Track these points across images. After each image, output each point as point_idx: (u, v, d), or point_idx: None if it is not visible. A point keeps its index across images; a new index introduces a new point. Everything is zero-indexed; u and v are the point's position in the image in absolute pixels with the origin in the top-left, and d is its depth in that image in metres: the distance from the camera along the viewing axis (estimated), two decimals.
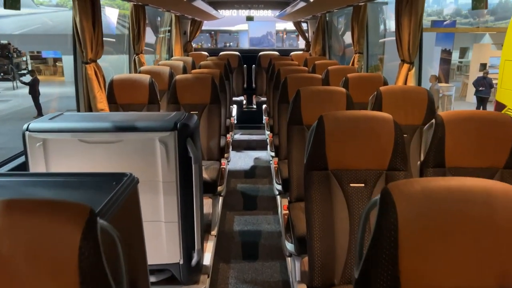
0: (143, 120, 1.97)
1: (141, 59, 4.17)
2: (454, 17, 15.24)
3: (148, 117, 2.13)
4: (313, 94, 2.42)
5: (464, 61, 15.89)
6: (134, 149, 1.92)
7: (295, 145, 2.37)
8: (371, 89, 2.55)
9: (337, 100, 2.42)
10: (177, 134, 1.90)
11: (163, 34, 6.64)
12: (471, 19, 15.39)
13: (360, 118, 1.67)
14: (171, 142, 1.89)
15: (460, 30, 14.29)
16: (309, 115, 2.36)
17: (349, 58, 6.65)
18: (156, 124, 1.92)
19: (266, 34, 7.31)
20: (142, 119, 1.99)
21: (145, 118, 2.03)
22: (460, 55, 15.98)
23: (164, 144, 1.90)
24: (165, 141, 1.90)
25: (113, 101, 3.20)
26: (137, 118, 2.04)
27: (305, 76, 3.34)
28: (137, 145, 1.91)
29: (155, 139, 1.89)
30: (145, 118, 2.03)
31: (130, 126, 1.91)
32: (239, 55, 6.27)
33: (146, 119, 2.01)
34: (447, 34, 13.62)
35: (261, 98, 5.92)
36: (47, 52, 18.57)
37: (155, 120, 1.98)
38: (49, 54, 18.66)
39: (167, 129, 1.89)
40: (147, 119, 1.99)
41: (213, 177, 2.78)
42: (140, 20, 4.04)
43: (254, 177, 4.48)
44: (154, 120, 1.98)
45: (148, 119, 2.02)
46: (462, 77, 14.82)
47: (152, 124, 1.92)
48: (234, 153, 5.34)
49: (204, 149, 3.20)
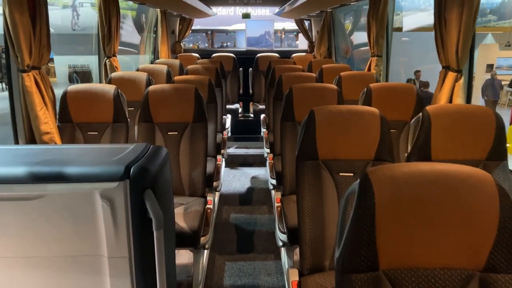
0: (80, 160, 1.26)
1: (114, 63, 3.44)
2: None
3: (91, 154, 1.40)
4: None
5: None
6: (62, 208, 1.20)
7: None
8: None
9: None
10: (129, 185, 1.18)
11: (147, 33, 5.90)
12: None
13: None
14: (120, 197, 1.17)
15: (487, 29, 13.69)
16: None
17: (360, 61, 5.93)
18: (95, 170, 1.19)
19: (264, 34, 6.68)
20: (79, 160, 1.27)
21: (85, 158, 1.31)
22: None
23: (108, 201, 1.17)
24: (110, 197, 1.17)
25: (68, 120, 2.48)
26: (72, 157, 1.31)
27: (316, 88, 2.62)
28: (67, 202, 1.20)
29: (94, 193, 1.17)
30: (85, 158, 1.31)
31: (53, 174, 1.19)
32: (234, 57, 5.54)
33: (85, 159, 1.29)
34: None
35: (259, 106, 5.18)
36: None
37: (97, 161, 1.26)
38: None
39: (113, 177, 1.16)
40: (87, 160, 1.28)
41: (193, 226, 2.05)
42: (112, 16, 3.30)
43: (251, 203, 3.75)
44: (96, 161, 1.26)
45: (90, 159, 1.30)
46: None
47: (89, 170, 1.20)
48: (228, 171, 4.61)
49: (185, 181, 2.47)
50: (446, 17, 2.11)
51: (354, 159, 1.72)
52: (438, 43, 2.23)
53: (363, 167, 1.72)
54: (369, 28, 3.48)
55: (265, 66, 5.20)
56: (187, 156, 2.48)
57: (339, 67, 4.11)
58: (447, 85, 2.19)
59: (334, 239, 1.61)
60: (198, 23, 12.21)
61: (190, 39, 14.35)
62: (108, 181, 1.18)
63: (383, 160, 1.71)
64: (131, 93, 3.22)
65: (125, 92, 3.24)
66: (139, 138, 2.47)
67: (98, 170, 1.19)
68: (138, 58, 6.04)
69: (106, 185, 1.18)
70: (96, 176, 1.18)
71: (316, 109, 1.75)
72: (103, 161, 1.27)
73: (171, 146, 2.49)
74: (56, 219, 1.20)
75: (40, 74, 2.21)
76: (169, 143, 2.50)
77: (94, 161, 1.28)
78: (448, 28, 2.11)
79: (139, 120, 2.50)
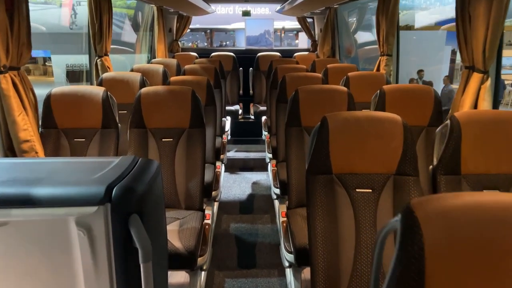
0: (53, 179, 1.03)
1: (105, 63, 3.22)
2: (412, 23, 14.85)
3: (66, 171, 1.18)
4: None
5: None
6: (30, 238, 0.98)
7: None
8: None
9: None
10: (111, 210, 0.95)
11: (143, 32, 5.67)
12: None
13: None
14: (99, 224, 0.94)
15: None
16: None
17: (364, 61, 5.71)
18: (70, 192, 0.97)
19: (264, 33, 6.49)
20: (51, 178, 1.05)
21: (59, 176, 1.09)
22: None
23: (85, 229, 0.94)
24: (88, 224, 0.94)
25: (52, 125, 2.26)
26: (44, 175, 1.09)
27: (325, 90, 2.41)
28: (35, 230, 0.98)
29: (68, 220, 0.95)
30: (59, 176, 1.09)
31: (19, 196, 0.96)
32: (233, 57, 5.31)
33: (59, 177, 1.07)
34: (451, 32, 12.98)
35: (260, 107, 4.96)
36: (37, 51, 17.90)
37: (73, 180, 1.04)
38: (39, 53, 18.00)
39: (92, 200, 0.93)
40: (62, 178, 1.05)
41: (190, 246, 1.83)
42: (103, 12, 3.08)
43: (252, 211, 3.53)
44: (71, 180, 1.04)
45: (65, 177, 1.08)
46: None
47: (63, 192, 0.98)
48: (227, 176, 4.39)
49: (181, 193, 2.25)
50: (471, 13, 1.90)
51: (373, 172, 1.52)
52: (461, 41, 2.02)
53: (383, 182, 1.52)
54: (378, 26, 3.27)
55: (266, 66, 4.97)
56: (183, 165, 2.26)
57: (345, 67, 3.89)
58: (472, 88, 1.97)
59: (351, 263, 1.46)
60: (197, 21, 12.01)
61: (189, 38, 14.15)
62: (86, 205, 0.96)
63: (406, 174, 1.51)
64: (124, 95, 3.00)
65: (118, 94, 3.03)
66: (131, 146, 2.25)
67: (74, 191, 0.97)
68: (134, 57, 5.82)
69: (83, 210, 0.96)
70: (70, 199, 0.96)
71: (329, 116, 1.54)
72: (80, 179, 1.04)
73: (165, 154, 2.27)
74: (22, 251, 0.99)
75: (20, 75, 1.99)
76: (163, 150, 2.28)
77: (69, 180, 1.05)
78: (473, 24, 1.89)
79: (130, 126, 2.28)
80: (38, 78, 18.42)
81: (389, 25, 3.10)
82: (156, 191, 1.17)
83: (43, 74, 18.79)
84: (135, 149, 2.25)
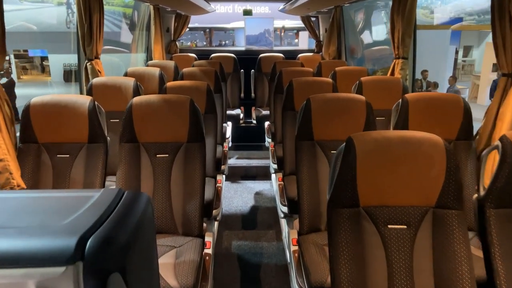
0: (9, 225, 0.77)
1: (96, 67, 2.95)
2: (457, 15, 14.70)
3: (28, 213, 0.92)
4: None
5: (468, 60, 15.36)
6: None
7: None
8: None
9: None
10: (83, 270, 0.69)
11: (139, 31, 5.40)
12: (476, 16, 14.94)
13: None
14: None
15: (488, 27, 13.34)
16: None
17: (371, 62, 5.45)
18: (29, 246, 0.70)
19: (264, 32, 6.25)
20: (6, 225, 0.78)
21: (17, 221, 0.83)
22: (464, 53, 15.33)
23: None
24: None
25: (31, 139, 1.99)
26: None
27: (340, 99, 2.15)
28: None
29: (27, 284, 0.70)
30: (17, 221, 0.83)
31: None
32: (234, 58, 5.05)
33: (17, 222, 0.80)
34: (454, 32, 12.77)
35: (262, 112, 4.69)
36: (34, 50, 17.67)
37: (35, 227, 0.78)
38: (36, 52, 17.77)
39: (58, 258, 0.67)
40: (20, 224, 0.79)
41: (187, 284, 1.57)
42: (93, 11, 2.81)
43: (256, 226, 3.27)
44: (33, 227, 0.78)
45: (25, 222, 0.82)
46: (471, 77, 14.15)
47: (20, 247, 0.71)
48: (228, 185, 4.13)
49: (178, 217, 1.99)
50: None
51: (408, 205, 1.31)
52: (498, 44, 1.76)
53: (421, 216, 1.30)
54: (392, 26, 3.00)
55: (268, 68, 4.71)
56: (181, 184, 2.00)
57: (354, 70, 3.63)
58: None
59: None
60: (195, 21, 11.75)
61: (188, 37, 13.91)
62: (50, 264, 0.70)
63: (449, 207, 1.29)
64: (116, 103, 2.74)
65: (109, 101, 2.76)
66: (121, 162, 1.99)
67: (34, 245, 0.71)
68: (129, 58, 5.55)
69: (47, 271, 0.70)
70: (30, 257, 0.70)
71: (355, 137, 1.34)
72: (45, 227, 0.78)
73: (160, 172, 2.01)
74: None
75: None
76: (158, 168, 2.02)
77: (29, 228, 0.78)
78: None
79: (121, 140, 2.02)
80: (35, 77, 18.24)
81: (405, 24, 2.84)
82: (146, 237, 0.91)
83: (40, 73, 18.62)
84: (125, 167, 1.98)
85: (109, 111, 2.75)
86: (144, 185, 1.99)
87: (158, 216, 1.98)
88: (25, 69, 17.39)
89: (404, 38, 2.89)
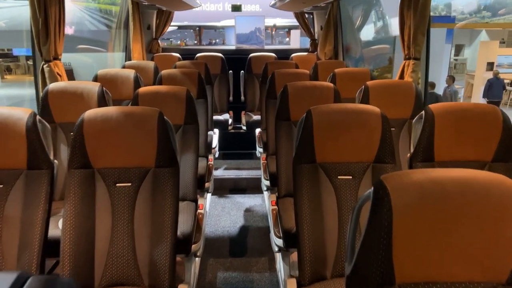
0: None
1: (55, 70, 2.49)
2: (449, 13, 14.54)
3: None
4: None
5: (460, 59, 15.25)
6: None
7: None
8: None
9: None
10: None
11: (116, 29, 4.92)
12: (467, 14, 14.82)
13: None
14: None
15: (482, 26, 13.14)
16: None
17: (370, 62, 5.05)
18: None
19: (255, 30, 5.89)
20: None
21: None
22: (456, 52, 15.19)
23: None
24: None
25: None
26: None
27: (348, 111, 1.72)
28: None
29: None
30: None
31: None
32: (222, 58, 4.60)
33: None
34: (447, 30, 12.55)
35: (253, 117, 4.26)
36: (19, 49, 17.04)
37: None
38: (21, 51, 17.16)
39: None
40: None
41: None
42: (49, 4, 2.35)
43: (246, 253, 2.84)
44: None
45: None
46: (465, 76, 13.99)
47: None
48: (215, 200, 3.70)
49: (143, 264, 1.54)
50: None
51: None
52: None
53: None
54: (402, 22, 2.59)
55: (259, 69, 4.28)
56: (147, 222, 1.56)
57: (356, 72, 3.22)
58: None
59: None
60: (185, 19, 11.27)
61: (178, 36, 13.46)
62: None
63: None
64: (78, 114, 2.27)
65: (69, 111, 2.32)
66: (70, 194, 1.55)
67: None
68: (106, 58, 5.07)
69: None
70: None
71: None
72: None
73: (121, 205, 1.57)
74: None
75: None
76: (118, 201, 1.58)
77: None
78: None
79: (69, 166, 1.57)
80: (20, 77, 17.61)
81: (418, 20, 2.43)
82: None
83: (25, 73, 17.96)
84: (75, 200, 1.54)
85: (68, 122, 2.31)
86: (100, 224, 1.55)
87: (118, 263, 1.54)
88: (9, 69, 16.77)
89: (416, 36, 2.48)
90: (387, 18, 6.57)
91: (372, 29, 6.43)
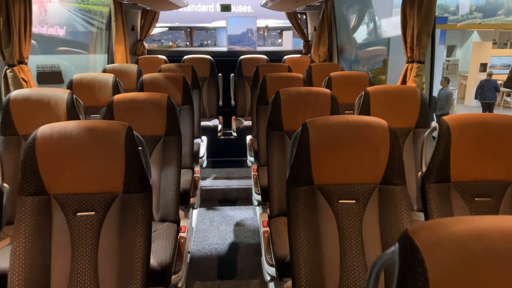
0: None
1: (20, 75, 2.23)
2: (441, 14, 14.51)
3: None
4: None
5: (451, 60, 15.22)
6: None
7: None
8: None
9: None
10: None
11: (97, 29, 4.66)
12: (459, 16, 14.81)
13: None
14: None
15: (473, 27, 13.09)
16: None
17: (365, 65, 4.84)
18: None
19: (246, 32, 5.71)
20: None
21: None
22: (447, 53, 15.15)
23: None
24: None
25: None
26: None
27: (350, 124, 1.49)
28: None
29: None
30: None
31: None
32: (211, 60, 4.36)
33: None
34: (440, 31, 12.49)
35: (244, 122, 4.02)
36: None
37: None
38: None
39: None
40: None
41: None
42: (12, 3, 2.09)
43: (236, 274, 2.60)
44: None
45: None
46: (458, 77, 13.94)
47: None
48: (202, 213, 3.45)
49: None
50: None
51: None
52: None
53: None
54: (404, 22, 2.37)
55: (250, 71, 4.05)
56: (113, 258, 1.31)
57: (353, 76, 3.00)
58: None
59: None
60: (176, 20, 11.00)
61: (169, 37, 13.21)
62: None
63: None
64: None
65: (35, 124, 2.05)
66: (20, 226, 1.29)
67: None
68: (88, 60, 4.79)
69: None
70: None
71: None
72: None
73: (82, 239, 1.32)
74: None
75: None
76: (78, 233, 1.33)
77: None
78: None
79: (20, 192, 1.32)
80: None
81: (423, 21, 2.21)
82: None
83: None
84: (27, 233, 1.29)
85: None
86: (56, 262, 1.30)
87: None
88: None
89: (420, 37, 2.26)
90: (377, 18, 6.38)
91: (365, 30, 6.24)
